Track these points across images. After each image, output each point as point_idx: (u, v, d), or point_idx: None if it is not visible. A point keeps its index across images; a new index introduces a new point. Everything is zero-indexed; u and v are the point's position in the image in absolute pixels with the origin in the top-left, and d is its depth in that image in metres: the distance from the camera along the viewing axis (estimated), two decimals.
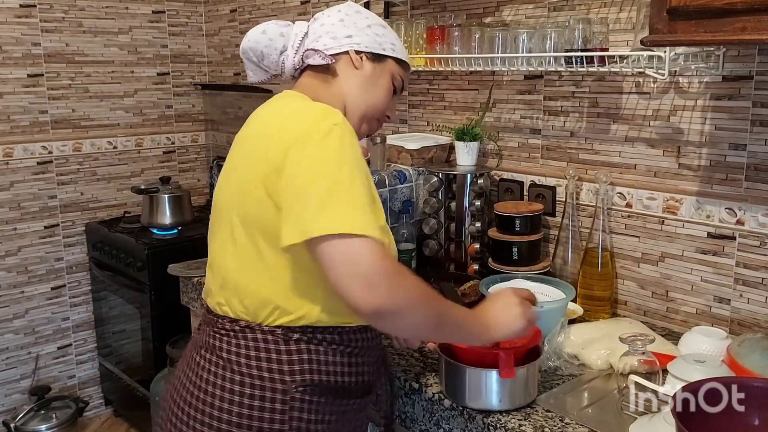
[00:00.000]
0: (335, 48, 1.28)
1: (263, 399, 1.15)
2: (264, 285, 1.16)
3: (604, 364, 1.48)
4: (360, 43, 1.29)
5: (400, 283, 1.04)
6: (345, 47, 1.28)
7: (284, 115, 1.18)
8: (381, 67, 1.31)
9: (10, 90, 2.79)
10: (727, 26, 1.17)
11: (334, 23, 1.30)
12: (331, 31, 1.30)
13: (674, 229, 1.69)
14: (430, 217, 2.03)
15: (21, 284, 2.91)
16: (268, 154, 1.11)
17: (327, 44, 1.29)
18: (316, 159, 1.07)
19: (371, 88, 1.31)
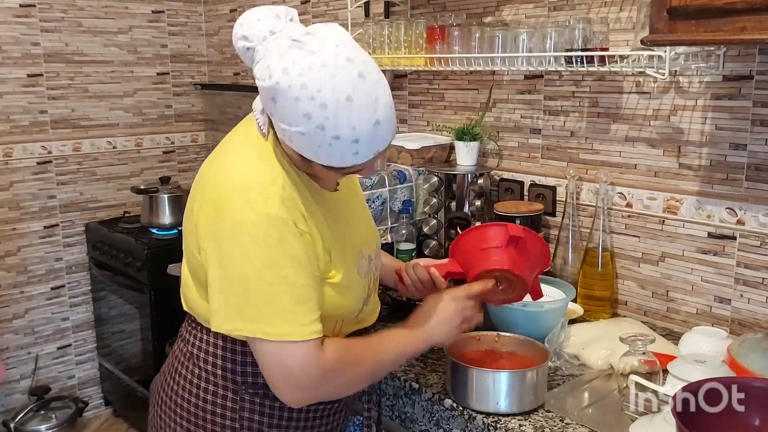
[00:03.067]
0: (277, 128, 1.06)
1: (215, 395, 1.18)
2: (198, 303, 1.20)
3: (604, 364, 1.47)
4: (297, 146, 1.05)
5: (327, 378, 1.08)
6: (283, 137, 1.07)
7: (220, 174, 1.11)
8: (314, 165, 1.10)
9: (10, 90, 2.78)
10: (727, 26, 1.17)
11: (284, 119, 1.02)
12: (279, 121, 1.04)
13: (675, 229, 1.68)
14: (430, 217, 2.03)
15: (21, 284, 2.91)
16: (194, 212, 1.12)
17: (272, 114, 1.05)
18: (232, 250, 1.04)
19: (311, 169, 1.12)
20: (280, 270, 1.04)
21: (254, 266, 1.03)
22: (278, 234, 1.04)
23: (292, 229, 1.05)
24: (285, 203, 1.06)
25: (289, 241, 1.05)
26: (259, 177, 1.08)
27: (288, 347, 1.04)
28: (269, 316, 1.04)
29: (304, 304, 1.06)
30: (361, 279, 1.21)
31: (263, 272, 1.03)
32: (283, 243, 1.04)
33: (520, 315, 1.59)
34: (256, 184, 1.06)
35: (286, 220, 1.05)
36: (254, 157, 1.11)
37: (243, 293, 1.05)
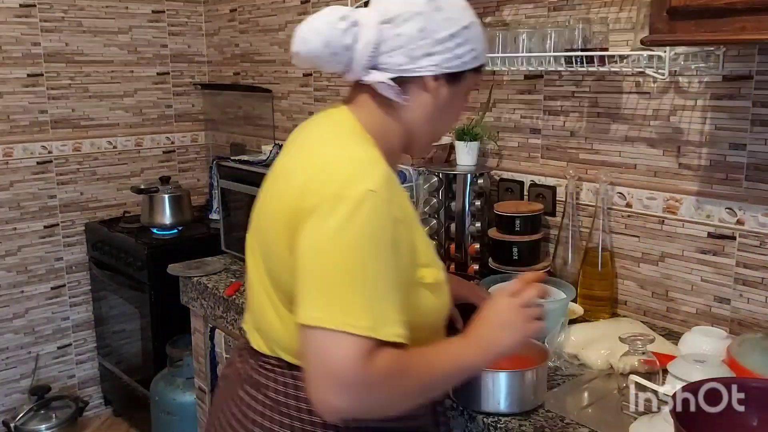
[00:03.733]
0: (410, 71, 1.07)
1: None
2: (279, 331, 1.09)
3: (604, 364, 1.47)
4: (439, 64, 1.07)
5: (381, 386, 0.96)
6: (423, 71, 1.06)
7: (319, 163, 1.03)
8: (458, 88, 1.11)
9: (10, 90, 2.78)
10: (726, 26, 1.17)
11: (412, 35, 1.05)
12: (408, 45, 1.05)
13: (674, 229, 1.69)
14: (430, 217, 2.03)
15: (21, 284, 2.91)
16: (292, 214, 1.01)
17: (401, 63, 1.06)
18: (332, 240, 0.95)
19: (445, 113, 1.13)
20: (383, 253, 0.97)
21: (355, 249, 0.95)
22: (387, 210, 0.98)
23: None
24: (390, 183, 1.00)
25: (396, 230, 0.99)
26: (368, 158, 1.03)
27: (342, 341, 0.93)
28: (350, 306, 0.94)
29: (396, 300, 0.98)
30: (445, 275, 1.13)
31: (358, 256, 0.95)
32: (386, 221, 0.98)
33: None
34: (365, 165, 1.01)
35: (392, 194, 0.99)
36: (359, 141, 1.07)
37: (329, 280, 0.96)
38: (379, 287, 0.96)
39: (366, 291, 0.95)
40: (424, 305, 1.06)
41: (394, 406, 1.02)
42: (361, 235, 0.95)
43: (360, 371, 0.93)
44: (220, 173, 2.39)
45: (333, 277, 0.95)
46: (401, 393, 1.00)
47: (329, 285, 0.95)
